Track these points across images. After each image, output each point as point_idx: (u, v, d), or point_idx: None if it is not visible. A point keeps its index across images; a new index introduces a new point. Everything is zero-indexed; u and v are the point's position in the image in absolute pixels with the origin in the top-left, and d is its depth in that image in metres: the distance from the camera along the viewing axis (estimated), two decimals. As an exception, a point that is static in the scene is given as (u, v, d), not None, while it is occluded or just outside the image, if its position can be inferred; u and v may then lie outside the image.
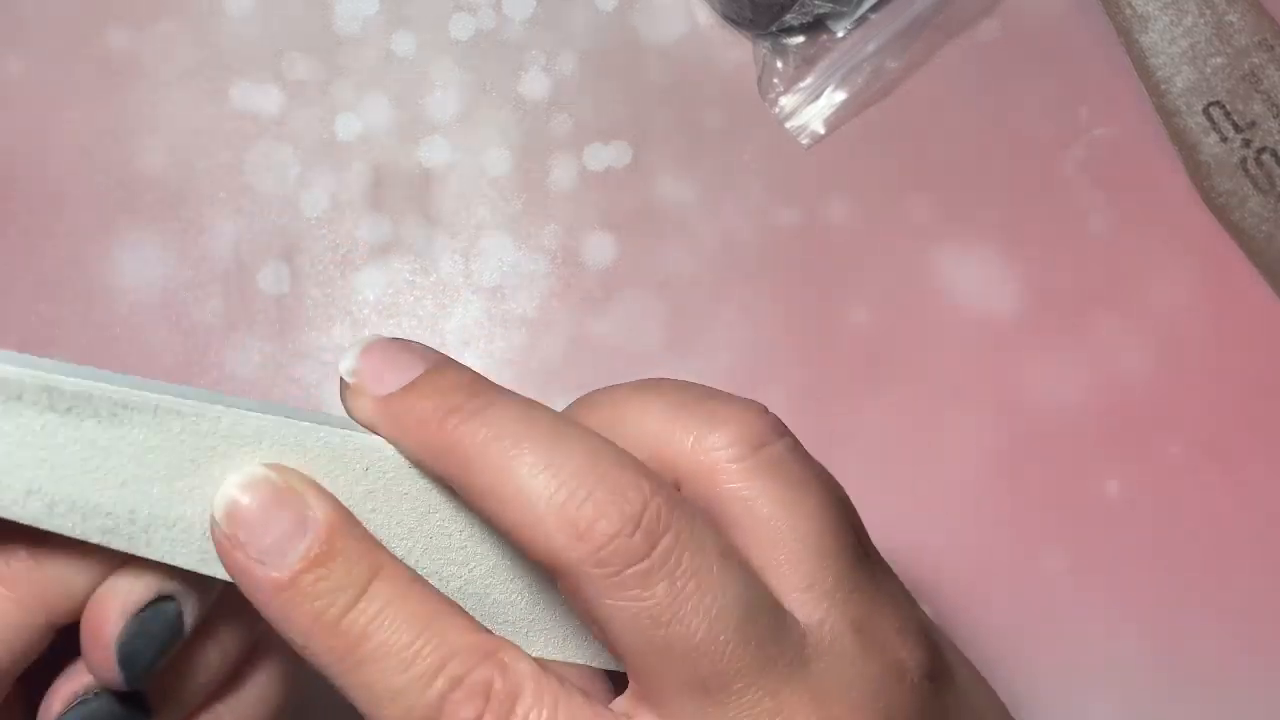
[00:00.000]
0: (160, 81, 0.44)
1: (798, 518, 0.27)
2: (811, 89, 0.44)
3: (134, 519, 0.26)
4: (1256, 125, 0.43)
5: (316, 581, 0.25)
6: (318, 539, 0.26)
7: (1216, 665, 0.43)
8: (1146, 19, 0.44)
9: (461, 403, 0.26)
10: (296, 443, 0.26)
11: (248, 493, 0.26)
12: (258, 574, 0.25)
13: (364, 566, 0.26)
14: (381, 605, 0.25)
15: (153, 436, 0.26)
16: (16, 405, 0.25)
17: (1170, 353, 0.44)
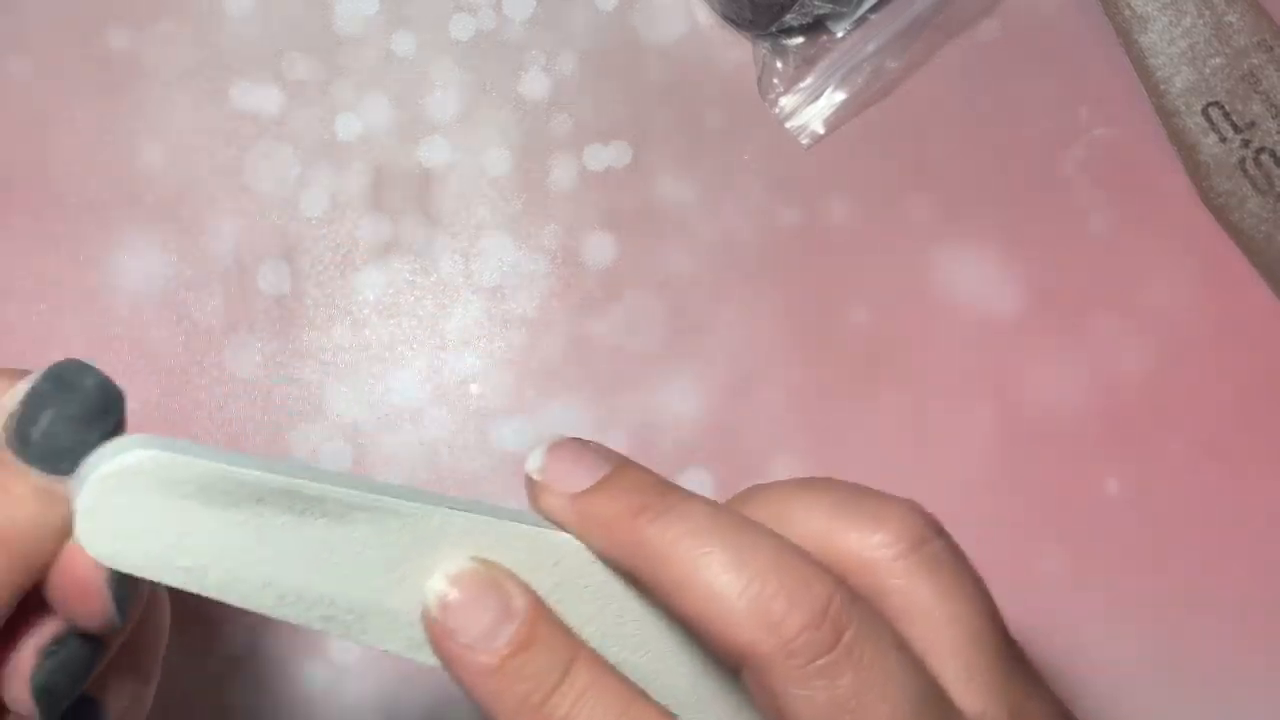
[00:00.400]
0: (160, 81, 0.44)
1: (957, 609, 0.28)
2: (811, 89, 0.44)
3: (351, 609, 0.28)
4: (1255, 126, 0.43)
5: (523, 666, 0.27)
6: (522, 626, 0.28)
7: (1216, 665, 0.43)
8: (1146, 19, 0.44)
9: (650, 502, 0.28)
10: (497, 538, 0.28)
11: (457, 585, 0.28)
12: (469, 660, 0.27)
13: (564, 652, 0.28)
14: (582, 689, 0.27)
15: (374, 535, 0.28)
16: (258, 507, 0.27)
17: (1170, 352, 0.44)
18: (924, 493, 0.43)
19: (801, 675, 0.26)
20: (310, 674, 0.43)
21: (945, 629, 0.28)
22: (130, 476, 0.27)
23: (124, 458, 0.27)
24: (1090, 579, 0.43)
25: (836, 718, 0.26)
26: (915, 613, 0.28)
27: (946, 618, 0.28)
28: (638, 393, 0.44)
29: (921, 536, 0.28)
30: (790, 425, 0.44)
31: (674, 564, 0.27)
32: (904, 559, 0.28)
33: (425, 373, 0.44)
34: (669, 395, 0.44)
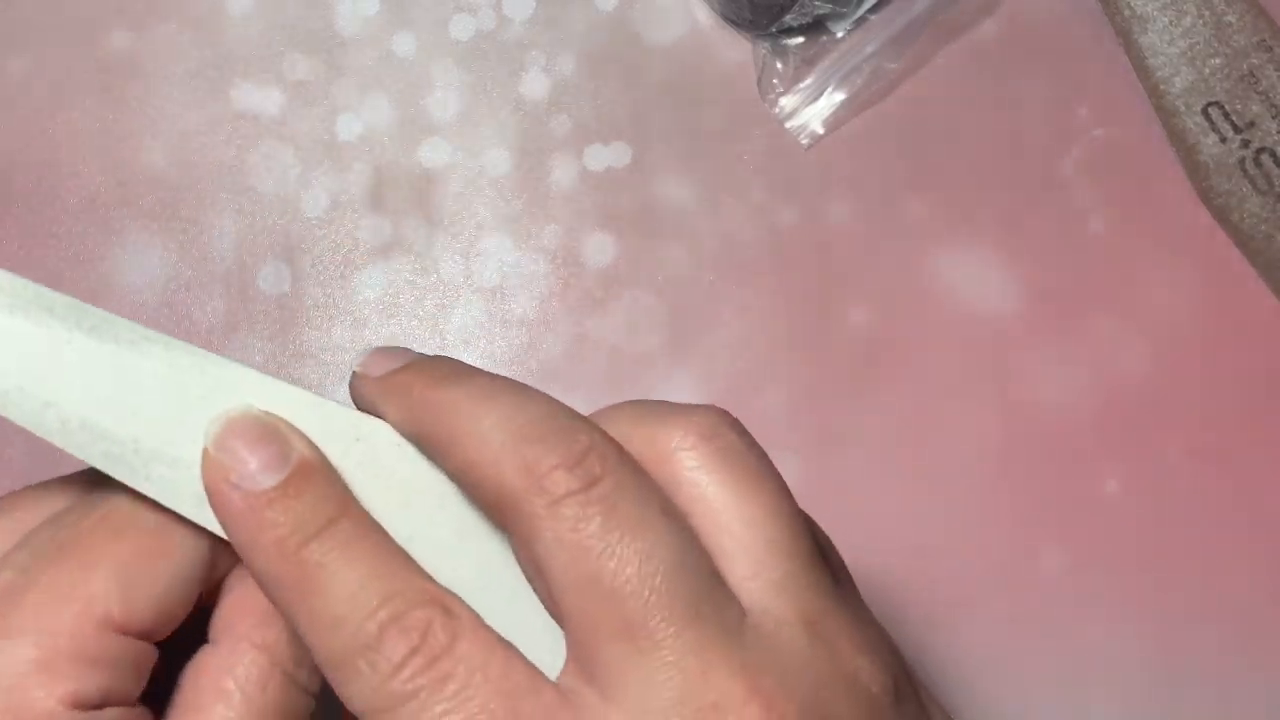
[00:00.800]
0: (160, 81, 0.44)
1: (748, 505, 0.27)
2: (811, 89, 0.44)
3: (138, 450, 0.27)
4: (1255, 126, 0.43)
5: (284, 511, 0.27)
6: (295, 473, 0.27)
7: (1216, 665, 0.43)
8: (1145, 20, 0.44)
9: (445, 375, 0.28)
10: (295, 402, 0.28)
11: (235, 423, 0.27)
12: (235, 499, 0.27)
13: (332, 506, 0.27)
14: (342, 541, 0.27)
15: (166, 370, 0.27)
16: (48, 318, 0.27)
17: (1169, 352, 0.44)
18: (924, 493, 0.44)
19: (548, 514, 0.26)
20: (310, 674, 0.43)
21: (734, 522, 0.27)
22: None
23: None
24: (1090, 579, 0.43)
25: (582, 562, 0.25)
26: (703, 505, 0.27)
27: (737, 510, 0.27)
28: (638, 393, 0.44)
29: (715, 431, 0.28)
30: (790, 425, 0.44)
31: (455, 419, 0.27)
32: (695, 450, 0.27)
33: (425, 373, 0.44)
34: (669, 395, 0.44)
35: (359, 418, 0.29)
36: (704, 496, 0.27)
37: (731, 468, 0.27)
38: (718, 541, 0.27)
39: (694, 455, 0.27)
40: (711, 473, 0.27)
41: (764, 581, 0.26)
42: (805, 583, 0.27)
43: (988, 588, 0.43)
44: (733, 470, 0.27)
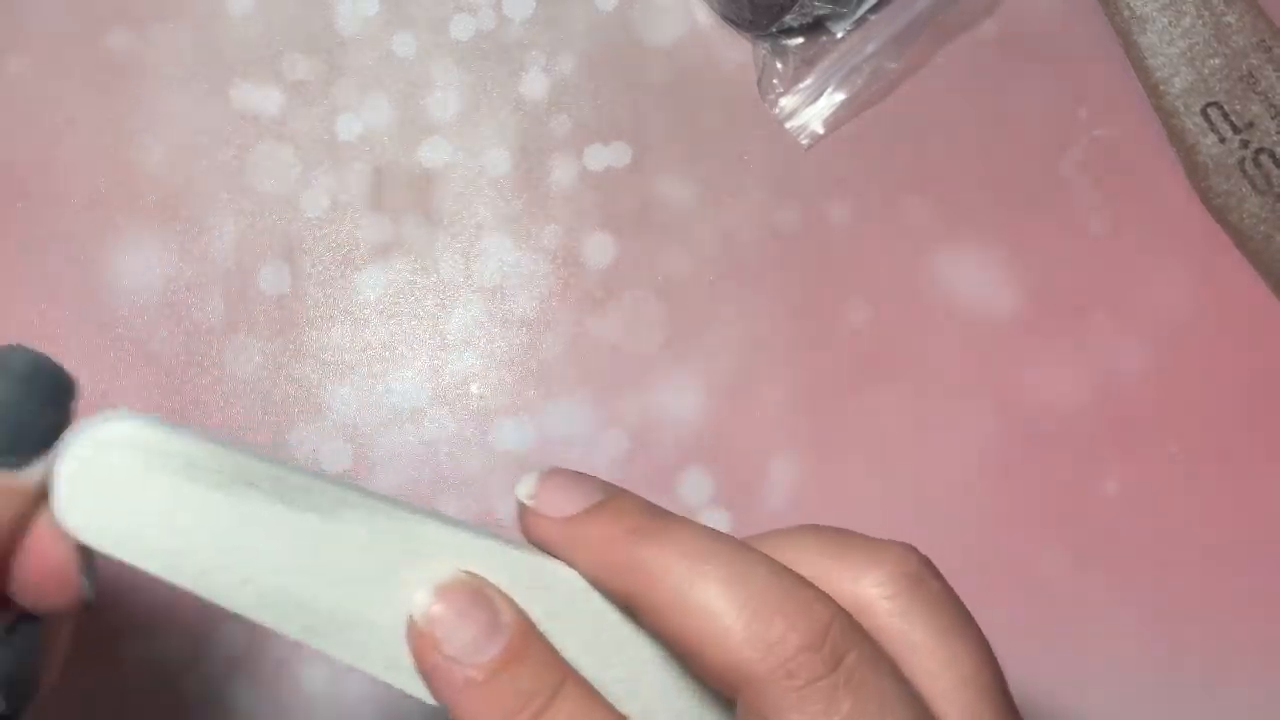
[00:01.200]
0: (160, 81, 0.44)
1: (955, 651, 0.27)
2: (811, 90, 0.44)
3: (334, 619, 0.27)
4: (1254, 126, 0.43)
5: (510, 682, 0.26)
6: (511, 641, 0.27)
7: (1216, 665, 0.43)
8: (1145, 20, 0.44)
9: (644, 524, 0.27)
10: (487, 556, 0.27)
11: (445, 595, 0.27)
12: (453, 674, 0.26)
13: (553, 673, 0.27)
14: (570, 712, 0.26)
15: (362, 536, 0.27)
16: (247, 491, 0.26)
17: (1169, 352, 0.44)
18: (924, 493, 0.44)
19: (799, 698, 0.25)
20: (310, 674, 0.43)
21: (944, 671, 0.27)
22: (116, 445, 0.25)
23: (111, 425, 0.25)
24: (1090, 579, 0.43)
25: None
26: (911, 653, 0.27)
27: (945, 659, 0.27)
28: (638, 393, 0.44)
29: (918, 576, 0.28)
30: (790, 425, 0.44)
31: (669, 584, 0.26)
32: (899, 598, 0.27)
33: (425, 373, 0.44)
34: (669, 395, 0.44)
35: (546, 564, 0.28)
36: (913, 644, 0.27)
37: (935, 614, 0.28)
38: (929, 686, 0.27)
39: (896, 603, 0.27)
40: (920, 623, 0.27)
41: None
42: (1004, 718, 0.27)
43: (988, 588, 0.43)
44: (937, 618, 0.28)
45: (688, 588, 0.26)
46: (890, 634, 0.27)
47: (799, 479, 0.43)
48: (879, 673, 0.26)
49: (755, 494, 0.43)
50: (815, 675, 0.25)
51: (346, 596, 0.27)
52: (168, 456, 0.25)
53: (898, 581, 0.28)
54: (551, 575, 0.28)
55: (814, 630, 0.25)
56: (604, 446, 0.43)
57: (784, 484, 0.43)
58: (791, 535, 0.28)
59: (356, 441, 0.43)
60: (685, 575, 0.26)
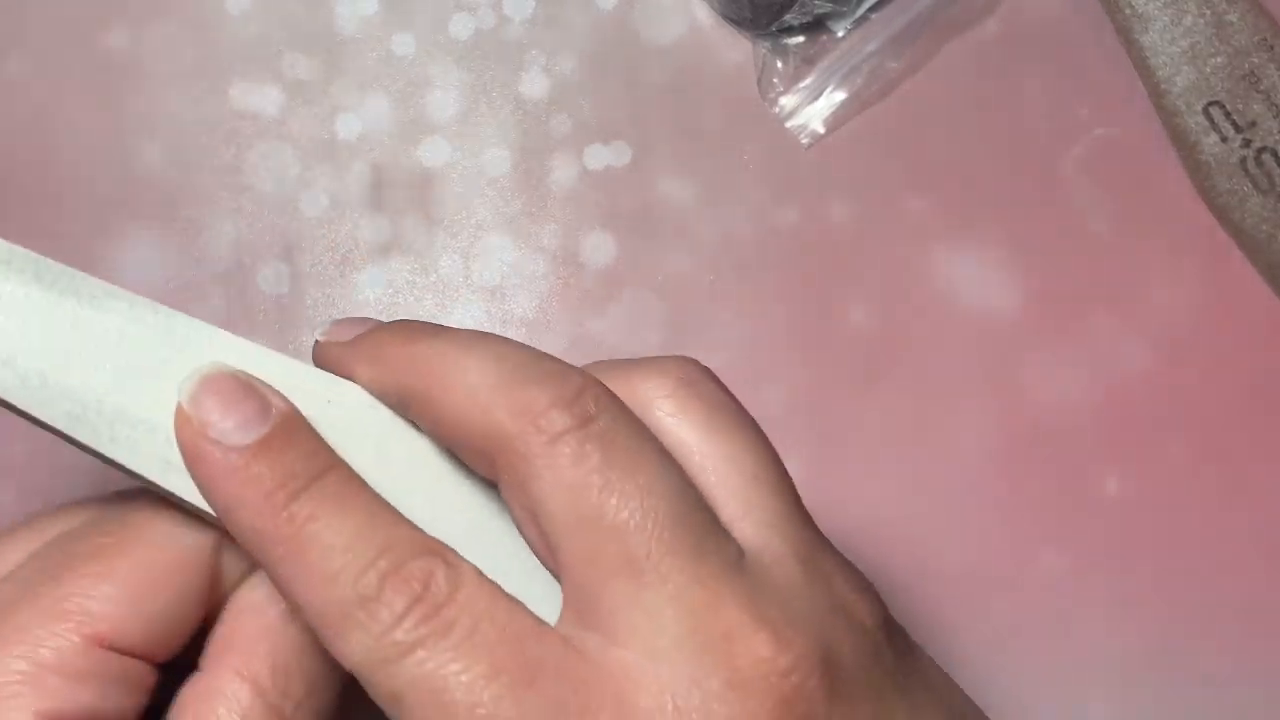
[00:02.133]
0: (160, 81, 0.44)
1: (733, 446, 0.27)
2: (811, 89, 0.44)
3: (100, 409, 0.26)
4: (1256, 125, 0.43)
5: (271, 465, 0.26)
6: (276, 427, 0.26)
7: (1216, 665, 0.43)
8: (1146, 19, 0.44)
9: (418, 331, 0.28)
10: (264, 361, 0.27)
11: (213, 380, 0.27)
12: (215, 456, 0.26)
13: (318, 459, 0.27)
14: (332, 493, 0.26)
15: (129, 327, 0.26)
16: (4, 270, 0.26)
17: (1170, 352, 0.44)
18: (924, 493, 0.44)
19: (546, 451, 0.25)
20: (310, 674, 0.43)
21: (718, 466, 0.27)
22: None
23: None
24: (1090, 579, 0.43)
25: (583, 499, 0.25)
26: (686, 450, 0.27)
27: (721, 456, 0.27)
28: (638, 393, 0.44)
29: (691, 378, 0.28)
30: (790, 425, 0.44)
31: (435, 370, 0.27)
32: (673, 397, 0.28)
33: (425, 373, 0.44)
34: (669, 395, 0.44)
35: (329, 379, 0.28)
36: (685, 441, 0.27)
37: (709, 411, 0.28)
38: (704, 483, 0.27)
39: (671, 402, 0.28)
40: (691, 416, 0.27)
41: (755, 520, 0.27)
42: (795, 520, 0.27)
43: (988, 588, 0.43)
44: (711, 414, 0.28)
45: (452, 369, 0.26)
46: (664, 433, 0.27)
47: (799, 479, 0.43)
48: (632, 435, 0.26)
49: (755, 494, 0.43)
50: (562, 429, 0.25)
51: (115, 386, 0.26)
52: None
53: (671, 382, 0.28)
54: (335, 390, 0.28)
55: (565, 391, 0.26)
56: (604, 446, 0.43)
57: (784, 484, 0.43)
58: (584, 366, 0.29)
59: (356, 441, 0.43)
60: (451, 360, 0.27)
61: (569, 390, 0.26)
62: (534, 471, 0.25)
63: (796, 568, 0.26)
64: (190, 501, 0.27)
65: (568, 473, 0.25)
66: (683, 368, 0.28)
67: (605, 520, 0.25)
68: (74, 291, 0.26)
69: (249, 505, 0.26)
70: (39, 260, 0.26)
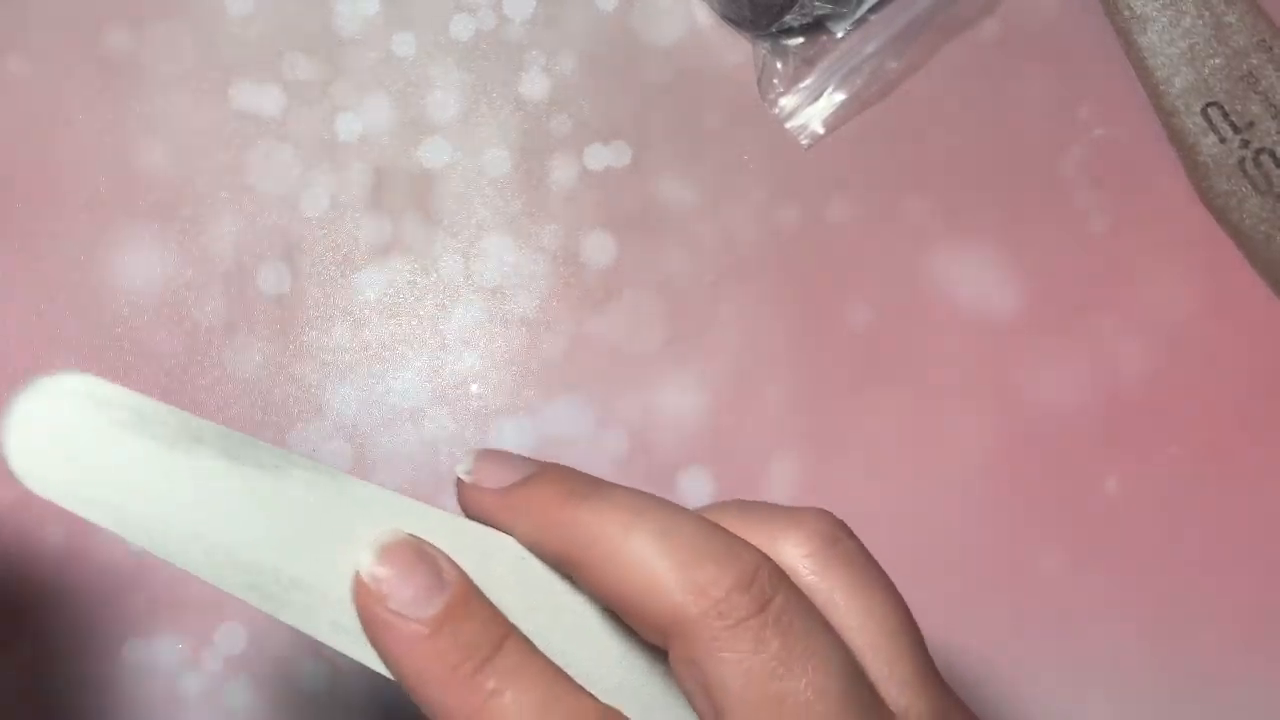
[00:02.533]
0: (160, 81, 0.44)
1: (873, 604, 0.28)
2: (811, 89, 0.44)
3: (278, 578, 0.27)
4: (1255, 126, 0.43)
5: (454, 635, 0.27)
6: (455, 595, 0.27)
7: (1216, 665, 0.43)
8: (1145, 20, 0.44)
9: (579, 488, 0.28)
10: (430, 522, 0.28)
11: (389, 551, 0.27)
12: (398, 628, 0.27)
13: (496, 627, 0.27)
14: (514, 665, 0.27)
15: (308, 495, 0.27)
16: (196, 446, 0.26)
17: (1169, 352, 0.44)
18: (924, 493, 0.44)
19: (730, 637, 0.26)
20: (310, 674, 0.43)
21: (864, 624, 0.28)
22: (67, 395, 0.26)
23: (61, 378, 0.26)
24: (1090, 579, 0.43)
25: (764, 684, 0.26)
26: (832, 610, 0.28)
27: (864, 612, 0.28)
28: (638, 393, 0.44)
29: (833, 536, 0.28)
30: (790, 425, 0.44)
31: (603, 540, 0.27)
32: (816, 557, 0.28)
33: (425, 373, 0.44)
34: (669, 395, 0.44)
35: (485, 533, 0.28)
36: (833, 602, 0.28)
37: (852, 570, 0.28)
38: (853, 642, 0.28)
39: (814, 560, 0.28)
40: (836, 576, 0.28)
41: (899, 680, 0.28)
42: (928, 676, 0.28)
43: (988, 587, 0.43)
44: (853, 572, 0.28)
45: (621, 542, 0.26)
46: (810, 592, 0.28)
47: (799, 479, 0.43)
48: (806, 615, 0.26)
49: (755, 494, 0.43)
50: (745, 614, 0.26)
51: (292, 555, 0.27)
52: (117, 409, 0.26)
53: (814, 541, 0.28)
54: (492, 543, 0.28)
55: (743, 573, 0.26)
56: (604, 446, 0.43)
57: (784, 484, 0.43)
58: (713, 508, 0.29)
59: (356, 441, 0.43)
60: (619, 530, 0.26)
61: (746, 571, 0.26)
62: (714, 654, 0.26)
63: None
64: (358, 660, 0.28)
65: (750, 658, 0.26)
66: (822, 523, 0.29)
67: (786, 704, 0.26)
68: (259, 463, 0.27)
69: (436, 679, 0.27)
70: (227, 434, 0.27)
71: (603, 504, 0.27)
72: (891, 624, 0.28)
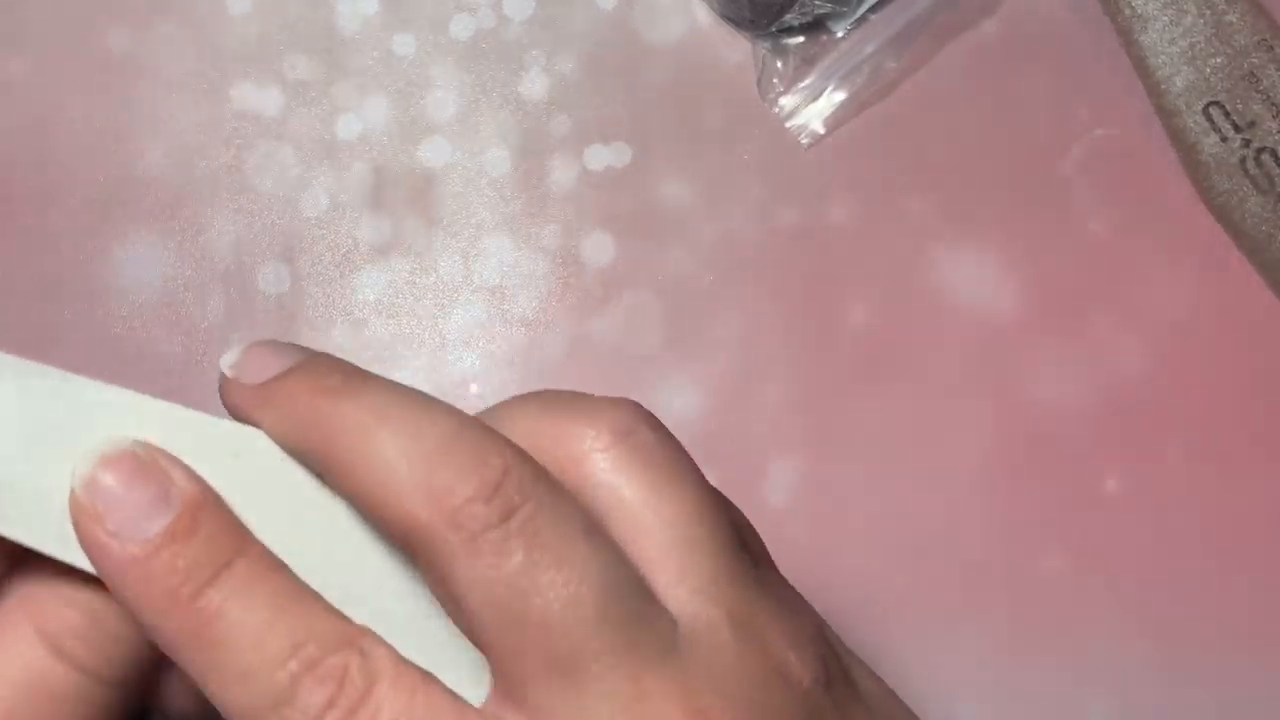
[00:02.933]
0: (160, 81, 0.44)
1: (668, 506, 0.26)
2: (811, 89, 0.44)
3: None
4: (1256, 125, 0.43)
5: (174, 558, 0.25)
6: (180, 515, 0.25)
7: (1216, 665, 0.43)
8: (1146, 19, 0.44)
9: (334, 385, 0.26)
10: (169, 422, 0.26)
11: (109, 462, 0.25)
12: (113, 550, 0.25)
13: (225, 546, 0.25)
14: (240, 584, 0.25)
15: (17, 396, 0.25)
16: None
17: (1170, 352, 0.44)
18: (923, 492, 0.44)
19: (467, 551, 0.24)
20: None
21: (655, 525, 0.26)
22: None
23: None
24: (1090, 579, 0.43)
25: (506, 601, 0.24)
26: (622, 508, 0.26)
27: (656, 512, 0.26)
28: (638, 393, 0.44)
29: (630, 428, 0.26)
30: (790, 425, 0.44)
31: (348, 441, 0.25)
32: (610, 450, 0.26)
33: (425, 373, 0.44)
34: (669, 395, 0.44)
35: (234, 430, 0.26)
36: (622, 501, 0.26)
37: (648, 468, 0.26)
38: (640, 548, 0.26)
39: (608, 456, 0.26)
40: (628, 474, 0.26)
41: (690, 587, 0.26)
42: (730, 580, 0.26)
43: (988, 587, 0.43)
44: (649, 470, 0.26)
45: (365, 445, 0.25)
46: (599, 491, 0.26)
47: (799, 479, 0.43)
48: (562, 525, 0.25)
49: (755, 494, 0.43)
50: (483, 525, 0.24)
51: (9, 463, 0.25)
52: None
53: (607, 435, 0.26)
54: (243, 442, 0.26)
55: (485, 480, 0.24)
56: (604, 446, 0.43)
57: (784, 484, 0.43)
58: (514, 401, 0.27)
59: (356, 441, 0.43)
60: (366, 428, 0.25)
61: (490, 477, 0.24)
62: (452, 569, 0.24)
63: (729, 635, 0.25)
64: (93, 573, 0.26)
65: (489, 572, 0.24)
66: (619, 416, 0.27)
67: (530, 620, 0.24)
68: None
69: (152, 602, 0.25)
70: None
71: (355, 399, 0.25)
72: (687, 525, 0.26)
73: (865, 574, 0.43)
